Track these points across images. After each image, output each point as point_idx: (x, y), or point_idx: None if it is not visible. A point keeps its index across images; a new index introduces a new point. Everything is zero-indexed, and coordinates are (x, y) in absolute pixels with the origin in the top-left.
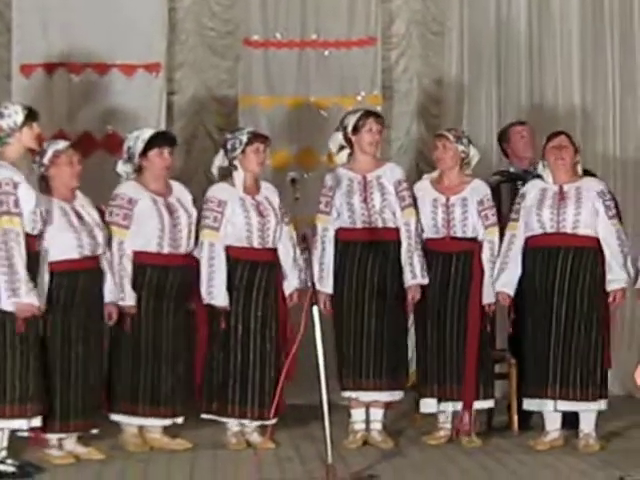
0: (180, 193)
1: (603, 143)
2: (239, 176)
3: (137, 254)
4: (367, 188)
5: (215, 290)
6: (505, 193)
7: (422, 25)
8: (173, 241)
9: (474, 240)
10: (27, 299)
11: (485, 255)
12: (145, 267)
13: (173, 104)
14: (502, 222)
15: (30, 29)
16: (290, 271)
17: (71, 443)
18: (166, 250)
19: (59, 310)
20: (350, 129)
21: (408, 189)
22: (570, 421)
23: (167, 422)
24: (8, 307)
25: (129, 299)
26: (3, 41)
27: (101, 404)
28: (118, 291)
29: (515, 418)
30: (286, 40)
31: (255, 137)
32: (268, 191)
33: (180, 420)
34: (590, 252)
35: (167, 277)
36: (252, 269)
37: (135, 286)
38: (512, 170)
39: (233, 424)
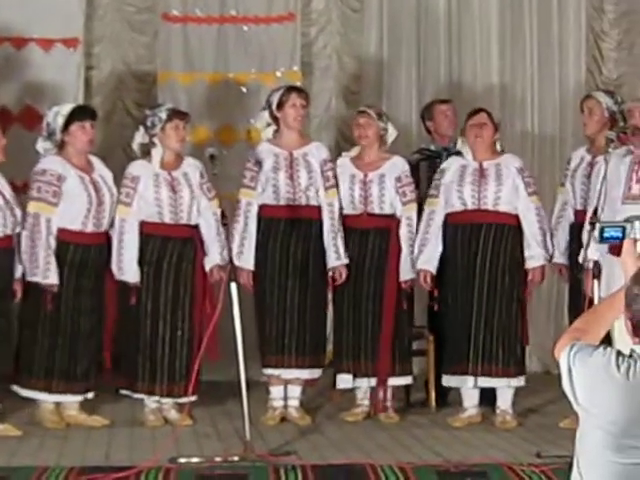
0: (101, 170)
1: (521, 121)
2: (157, 153)
3: (60, 231)
4: (293, 165)
5: (125, 266)
6: (424, 171)
7: (341, 2)
8: (97, 220)
9: (391, 217)
10: None
11: (403, 232)
12: (68, 245)
13: (91, 79)
14: (421, 200)
15: None
16: (211, 247)
17: None
18: (89, 229)
19: None
20: (275, 106)
21: (333, 169)
22: (487, 398)
23: (80, 398)
24: None
25: (52, 277)
26: None
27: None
28: (44, 269)
29: (433, 395)
30: (205, 15)
31: (174, 114)
32: (189, 167)
33: (91, 395)
34: (511, 229)
35: (89, 255)
36: (163, 245)
37: (57, 264)
38: (432, 148)
39: (151, 401)
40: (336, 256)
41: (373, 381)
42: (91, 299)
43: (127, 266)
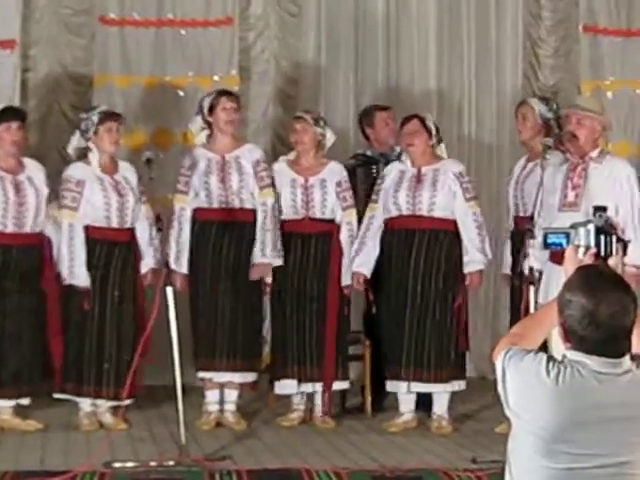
0: (32, 171)
1: (458, 126)
2: (94, 156)
3: None
4: (225, 168)
5: (77, 270)
6: (361, 177)
7: (279, 6)
8: (18, 220)
9: (332, 221)
10: None
11: (343, 237)
12: None
13: (28, 81)
14: (358, 205)
15: None
16: (146, 250)
17: None
18: (10, 229)
19: None
20: (206, 110)
21: (267, 169)
22: (424, 403)
23: (12, 403)
24: None
25: None
26: None
27: None
28: None
29: (369, 400)
30: (142, 19)
31: (107, 116)
32: (126, 171)
33: (26, 402)
34: (446, 235)
35: (11, 256)
36: (110, 249)
37: None
38: (369, 153)
39: (86, 404)
40: (261, 253)
41: (317, 386)
42: (18, 301)
43: (78, 270)
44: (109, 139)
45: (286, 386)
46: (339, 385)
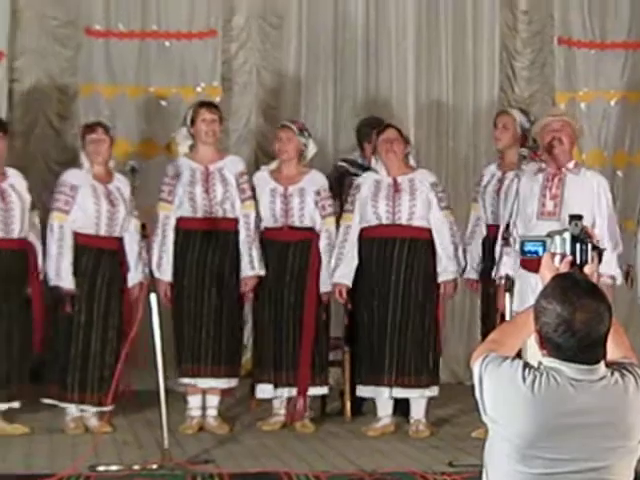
0: (14, 179)
1: (436, 137)
2: (86, 165)
3: None
4: (209, 179)
5: (63, 272)
6: (349, 182)
7: (261, 18)
8: (5, 225)
9: (311, 229)
10: None
11: (322, 244)
12: None
13: (14, 91)
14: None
15: None
16: (134, 265)
17: None
18: None
19: None
20: (189, 122)
21: (248, 182)
22: (401, 408)
23: (3, 406)
24: None
25: None
26: None
27: None
28: None
29: (348, 404)
30: (127, 30)
31: (89, 128)
32: (120, 182)
33: (17, 404)
34: (424, 243)
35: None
36: (97, 256)
37: None
38: (359, 161)
39: (72, 409)
40: (250, 266)
41: (293, 391)
42: (6, 306)
43: (65, 272)
44: (94, 149)
45: (265, 390)
46: (318, 390)
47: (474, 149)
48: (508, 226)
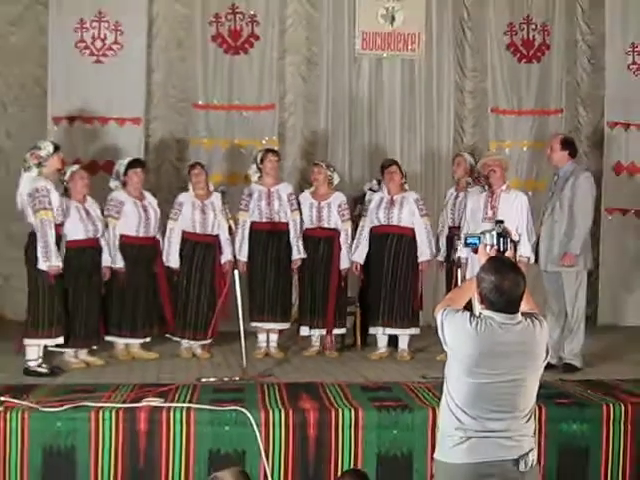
0: (150, 199)
1: (414, 171)
2: (190, 189)
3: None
4: (270, 197)
5: (172, 257)
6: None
7: (303, 97)
8: (146, 228)
9: (335, 230)
10: (55, 263)
11: (342, 239)
12: (125, 246)
13: (149, 144)
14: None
15: None
16: (225, 248)
17: (83, 354)
18: (141, 234)
19: (73, 270)
20: (258, 161)
21: (295, 199)
22: (393, 341)
23: (141, 340)
24: (43, 267)
25: (119, 263)
26: None
27: (99, 329)
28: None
29: (359, 339)
30: (219, 104)
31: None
32: (215, 199)
33: (149, 339)
34: (408, 237)
35: (140, 253)
36: (195, 245)
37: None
38: (375, 188)
39: (184, 341)
40: (297, 252)
41: (324, 331)
42: (146, 277)
43: (173, 258)
44: (195, 179)
45: (305, 330)
46: (339, 331)
47: (437, 178)
48: (459, 227)
